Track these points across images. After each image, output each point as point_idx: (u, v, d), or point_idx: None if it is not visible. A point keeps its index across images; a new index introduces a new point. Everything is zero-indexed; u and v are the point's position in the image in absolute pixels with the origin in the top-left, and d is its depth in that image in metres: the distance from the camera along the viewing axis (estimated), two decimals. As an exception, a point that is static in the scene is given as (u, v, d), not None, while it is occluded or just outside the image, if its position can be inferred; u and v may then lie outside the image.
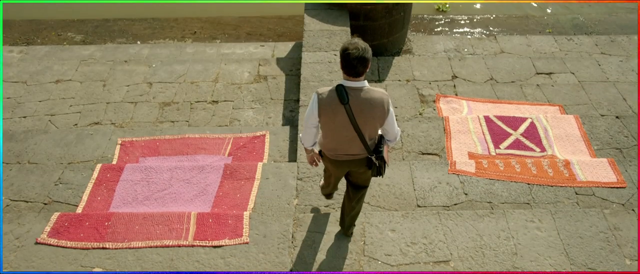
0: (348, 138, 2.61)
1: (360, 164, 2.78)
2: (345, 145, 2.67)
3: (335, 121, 2.55)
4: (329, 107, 2.52)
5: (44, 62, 5.85)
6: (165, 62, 5.75)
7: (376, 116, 2.54)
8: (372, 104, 2.50)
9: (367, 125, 2.56)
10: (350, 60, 2.36)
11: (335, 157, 2.78)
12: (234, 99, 5.20)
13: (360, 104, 2.49)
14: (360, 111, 2.50)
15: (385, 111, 2.53)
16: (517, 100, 5.12)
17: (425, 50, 6.07)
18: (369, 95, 2.49)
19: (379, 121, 2.57)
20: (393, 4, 5.33)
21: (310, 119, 2.63)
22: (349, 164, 2.81)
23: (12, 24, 7.15)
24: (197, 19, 7.20)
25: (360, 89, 2.48)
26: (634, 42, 6.20)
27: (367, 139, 2.63)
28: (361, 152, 2.69)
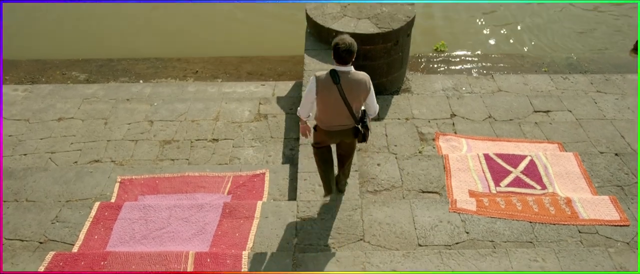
0: (339, 111, 3.31)
1: (348, 133, 3.48)
2: (337, 117, 3.37)
3: (330, 97, 3.25)
4: (324, 86, 3.23)
5: (47, 100, 5.93)
6: (166, 101, 5.82)
7: (361, 92, 3.29)
8: (358, 83, 3.25)
9: (354, 100, 3.28)
10: (339, 52, 3.13)
11: (329, 129, 3.46)
12: (234, 137, 5.23)
13: (349, 83, 3.22)
14: (349, 89, 3.23)
15: (367, 88, 3.30)
16: (516, 138, 5.15)
17: (424, 89, 6.16)
18: (354, 77, 3.24)
19: (363, 96, 3.32)
20: (392, 44, 5.45)
21: (309, 96, 3.32)
22: (339, 134, 3.51)
23: (19, 64, 7.29)
24: (199, 58, 7.35)
25: (348, 72, 3.23)
26: (628, 80, 6.30)
27: (354, 112, 3.34)
28: (350, 122, 3.40)
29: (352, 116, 3.35)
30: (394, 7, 5.66)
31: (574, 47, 7.73)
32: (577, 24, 8.29)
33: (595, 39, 7.92)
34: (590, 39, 7.94)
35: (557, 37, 7.99)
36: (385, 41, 5.37)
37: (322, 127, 3.47)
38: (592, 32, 8.08)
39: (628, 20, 8.33)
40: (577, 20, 8.36)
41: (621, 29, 8.12)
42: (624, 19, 8.38)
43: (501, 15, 8.51)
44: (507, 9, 8.67)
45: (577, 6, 8.74)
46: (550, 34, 8.05)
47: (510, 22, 8.32)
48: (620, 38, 7.90)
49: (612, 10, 8.61)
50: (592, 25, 8.26)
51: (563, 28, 8.19)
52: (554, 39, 7.95)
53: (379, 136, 5.08)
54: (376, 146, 4.95)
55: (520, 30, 8.13)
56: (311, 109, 3.42)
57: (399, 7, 5.66)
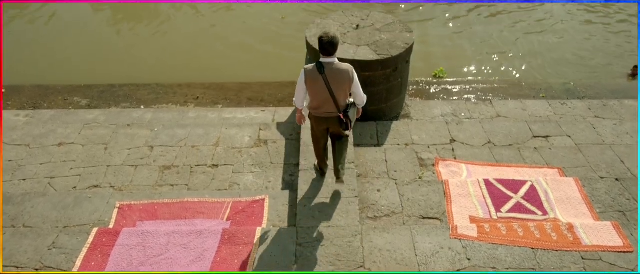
0: (325, 99, 3.69)
1: (334, 121, 3.84)
2: (324, 105, 3.74)
3: (317, 86, 3.64)
4: (311, 76, 3.63)
5: (48, 125, 5.95)
6: (167, 126, 5.84)
7: (344, 81, 3.62)
8: (341, 72, 3.61)
9: (338, 88, 3.62)
10: (323, 44, 3.53)
11: (317, 115, 3.86)
12: (234, 163, 5.23)
13: (332, 73, 3.59)
14: (333, 78, 3.59)
15: (350, 77, 3.62)
16: (516, 163, 5.15)
17: (423, 114, 6.20)
18: (338, 67, 3.62)
19: (347, 85, 3.64)
20: (391, 70, 5.52)
21: (300, 86, 3.75)
22: (327, 121, 3.88)
23: (21, 90, 7.35)
24: (200, 85, 7.41)
25: (332, 63, 3.60)
26: (625, 106, 6.35)
27: (340, 101, 3.70)
28: (334, 110, 3.75)
29: (336, 104, 3.71)
30: (393, 35, 5.75)
31: (571, 73, 7.82)
32: (575, 50, 8.41)
33: (592, 65, 8.02)
34: (587, 65, 8.04)
35: (554, 63, 8.09)
36: (384, 68, 5.43)
37: (313, 114, 3.92)
38: (589, 58, 8.20)
39: (624, 46, 8.46)
40: (575, 47, 8.49)
41: (618, 55, 8.23)
42: (621, 44, 8.51)
43: (499, 42, 8.64)
44: (505, 36, 8.81)
45: (574, 33, 8.89)
46: (547, 61, 8.16)
47: (507, 49, 8.45)
48: (616, 64, 8.00)
49: (609, 37, 8.75)
50: (589, 51, 8.37)
51: (560, 55, 8.31)
52: (551, 65, 8.05)
53: (379, 161, 5.08)
54: (376, 171, 4.94)
55: (517, 57, 8.24)
56: (304, 98, 3.85)
57: (398, 35, 5.75)
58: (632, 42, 8.54)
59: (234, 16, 9.76)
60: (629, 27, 9.05)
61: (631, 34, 8.81)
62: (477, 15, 9.51)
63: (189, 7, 10.16)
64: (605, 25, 9.13)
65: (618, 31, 8.90)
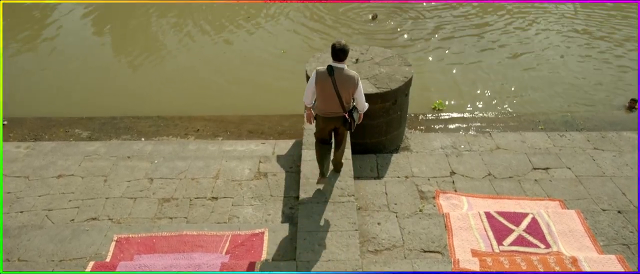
0: (332, 99, 4.06)
1: (339, 120, 4.21)
2: (331, 105, 4.11)
3: (325, 87, 4.02)
4: (322, 77, 4.01)
5: (48, 157, 5.96)
6: (167, 159, 5.85)
7: (350, 86, 4.03)
8: (348, 78, 4.01)
9: (344, 91, 4.03)
10: (335, 50, 3.94)
11: (324, 115, 4.23)
12: (234, 195, 5.20)
13: (341, 77, 3.99)
14: (341, 82, 3.99)
15: (355, 83, 4.04)
16: (517, 195, 5.12)
17: (423, 147, 6.22)
18: (346, 73, 4.02)
19: (352, 89, 4.05)
20: (390, 104, 5.58)
21: (310, 85, 4.11)
22: (332, 120, 4.24)
23: (23, 122, 7.40)
24: (200, 117, 7.47)
25: (342, 68, 4.01)
26: (624, 138, 6.38)
27: (344, 103, 4.07)
28: (339, 111, 4.13)
29: (341, 105, 4.08)
30: (392, 68, 5.85)
31: (568, 105, 7.89)
32: (572, 82, 8.51)
33: (589, 97, 8.10)
34: (584, 97, 8.13)
35: (551, 95, 8.18)
36: (383, 101, 5.49)
37: (320, 114, 4.26)
38: (586, 90, 8.29)
39: (621, 77, 8.58)
40: (572, 79, 8.60)
41: (615, 87, 8.34)
42: (618, 76, 8.63)
43: (497, 75, 8.75)
44: (503, 69, 8.95)
45: (571, 65, 9.03)
46: (545, 92, 8.25)
47: (505, 82, 8.55)
48: (614, 96, 8.08)
49: (606, 69, 8.88)
50: (586, 83, 8.48)
51: (558, 87, 8.41)
52: (548, 97, 8.14)
53: (379, 194, 5.06)
54: (376, 204, 4.91)
55: (515, 89, 8.34)
56: (312, 97, 4.21)
57: (397, 68, 5.85)
58: (628, 72, 8.67)
59: (235, 50, 9.95)
60: (627, 62, 9.21)
61: (628, 66, 8.95)
62: (475, 49, 9.69)
63: (191, 40, 10.37)
64: (603, 58, 9.28)
65: (615, 63, 9.04)
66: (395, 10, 11.61)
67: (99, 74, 9.17)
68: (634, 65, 9.01)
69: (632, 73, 8.69)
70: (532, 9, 11.83)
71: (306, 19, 11.33)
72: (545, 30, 10.47)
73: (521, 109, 7.80)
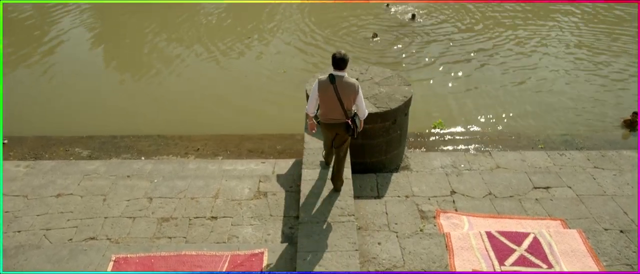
0: (334, 106, 4.25)
1: (341, 126, 4.36)
2: (333, 112, 4.29)
3: (327, 94, 4.22)
4: (324, 85, 4.22)
5: (48, 176, 5.94)
6: (167, 178, 5.83)
7: (351, 93, 4.22)
8: (349, 85, 4.21)
9: (345, 98, 4.20)
10: (335, 60, 4.18)
11: (326, 121, 4.42)
12: (233, 215, 5.17)
13: (341, 84, 4.19)
14: (342, 89, 4.18)
15: (356, 90, 4.22)
16: (518, 215, 5.09)
17: (423, 166, 6.22)
18: (347, 81, 4.22)
19: (353, 96, 4.24)
20: (390, 123, 5.59)
21: (313, 94, 4.30)
22: (334, 127, 4.41)
23: (24, 141, 7.41)
24: (200, 136, 7.48)
25: (342, 76, 4.21)
26: (624, 156, 6.38)
27: (346, 109, 4.25)
28: (341, 117, 4.30)
29: (343, 111, 4.26)
30: (392, 88, 5.89)
31: (567, 124, 7.92)
32: (570, 102, 8.56)
33: (589, 117, 8.13)
34: (584, 116, 8.16)
35: (551, 113, 8.22)
36: (383, 120, 5.51)
37: (323, 121, 4.45)
38: (586, 109, 8.33)
39: (620, 97, 8.63)
40: (572, 99, 8.65)
41: (614, 105, 8.38)
42: (617, 95, 8.68)
43: (496, 94, 8.82)
44: (502, 88, 9.01)
45: (572, 85, 9.10)
46: (544, 111, 8.29)
47: (504, 101, 8.61)
48: (612, 115, 8.11)
49: (604, 89, 8.95)
50: (586, 104, 8.52)
51: (558, 105, 8.45)
52: (548, 115, 8.18)
53: (379, 214, 5.03)
54: (376, 224, 4.88)
55: (514, 109, 8.38)
56: (315, 105, 4.39)
57: (397, 88, 5.89)
58: (629, 90, 8.72)
59: (236, 69, 10.04)
60: (627, 84, 9.28)
61: (626, 87, 9.02)
62: (475, 69, 9.78)
63: (192, 59, 10.47)
64: (602, 79, 9.36)
65: (616, 86, 9.10)
66: (394, 30, 11.76)
67: (100, 93, 9.24)
68: (631, 85, 9.08)
69: (630, 94, 8.74)
70: (534, 26, 12.00)
71: (306, 39, 11.47)
72: (545, 54, 10.61)
73: (520, 128, 7.82)
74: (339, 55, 4.17)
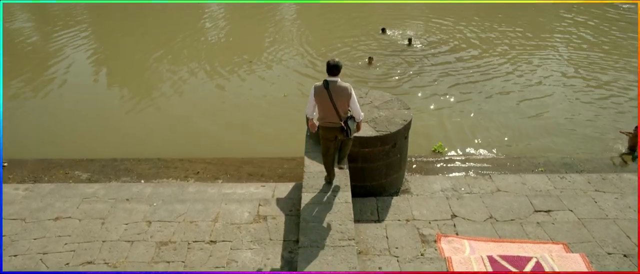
0: (329, 110, 4.54)
1: (338, 130, 4.66)
2: (329, 115, 4.58)
3: (322, 99, 4.51)
4: (319, 91, 4.52)
5: (46, 199, 5.92)
6: (166, 201, 5.80)
7: (344, 96, 4.49)
8: (342, 89, 4.49)
9: (338, 101, 4.49)
10: (329, 66, 4.49)
11: (324, 125, 4.69)
12: (233, 239, 5.13)
13: (335, 89, 4.48)
14: (335, 93, 4.48)
15: (349, 94, 4.49)
16: (519, 238, 5.05)
17: (423, 190, 6.19)
18: (340, 85, 4.50)
19: (346, 100, 4.51)
20: (390, 147, 5.60)
21: (310, 99, 4.60)
22: (332, 130, 4.68)
23: (24, 163, 7.41)
24: (201, 159, 7.48)
25: (335, 81, 4.49)
26: (624, 180, 6.36)
27: (341, 113, 4.55)
28: (337, 121, 4.59)
29: (338, 114, 4.55)
30: (391, 112, 5.92)
31: (567, 145, 7.93)
32: (570, 124, 8.59)
33: (588, 139, 8.14)
34: (583, 138, 8.17)
35: (550, 136, 8.23)
36: (383, 144, 5.52)
37: (321, 124, 4.72)
38: (585, 132, 8.35)
39: (616, 121, 8.66)
40: (571, 122, 8.68)
41: (612, 128, 8.40)
42: (614, 118, 8.72)
43: (496, 117, 8.85)
44: (501, 111, 9.06)
45: (571, 109, 9.14)
46: (543, 133, 8.31)
47: (503, 124, 8.63)
48: (612, 137, 8.13)
49: (603, 112, 8.99)
50: (584, 125, 8.55)
51: (556, 127, 8.48)
52: (547, 138, 8.19)
53: (380, 238, 4.99)
54: (377, 248, 4.83)
55: (513, 132, 8.40)
56: (313, 109, 4.69)
57: (396, 111, 5.92)
58: (627, 112, 8.76)
59: (236, 93, 10.11)
60: (625, 107, 9.34)
61: (624, 110, 9.07)
62: (474, 92, 9.85)
63: (193, 83, 10.56)
64: (601, 102, 9.43)
65: (615, 109, 9.15)
66: (392, 55, 11.90)
67: (101, 116, 9.29)
68: (629, 108, 9.13)
69: (630, 116, 8.78)
70: (535, 51, 12.15)
71: (306, 63, 11.60)
72: (543, 76, 10.71)
73: (520, 151, 7.82)
74: (332, 63, 4.50)
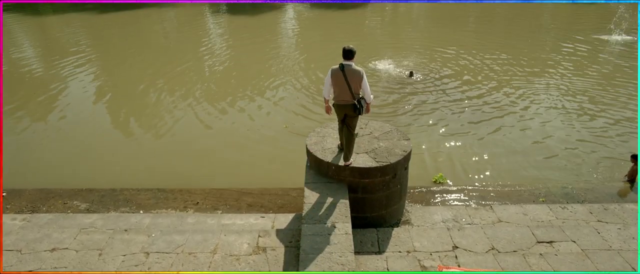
0: (344, 89, 5.23)
1: (350, 107, 5.32)
2: (343, 94, 5.27)
3: (338, 80, 5.22)
4: (335, 73, 5.22)
5: (44, 229, 5.86)
6: (165, 232, 5.75)
7: (357, 79, 5.19)
8: (355, 71, 5.18)
9: (352, 82, 5.18)
10: (345, 51, 5.19)
11: (338, 102, 5.37)
12: (232, 271, 5.05)
13: (349, 71, 5.17)
14: (349, 75, 5.17)
15: (361, 76, 5.20)
16: (522, 270, 4.97)
17: (424, 220, 6.15)
18: (353, 68, 5.19)
19: (358, 81, 5.20)
20: (390, 177, 5.60)
21: (327, 81, 5.31)
22: (345, 107, 5.35)
23: (22, 193, 7.38)
24: (200, 190, 7.45)
25: (350, 65, 5.19)
26: (627, 210, 6.32)
27: (353, 92, 5.23)
28: (350, 99, 5.26)
29: (351, 93, 5.22)
30: (391, 142, 5.94)
31: (567, 175, 7.90)
32: (570, 153, 8.59)
33: (588, 168, 8.12)
34: (583, 167, 8.15)
35: (550, 166, 8.22)
36: (383, 174, 5.52)
37: (335, 102, 5.40)
38: (585, 161, 8.34)
39: (616, 148, 8.67)
40: (570, 151, 8.68)
41: (613, 157, 8.40)
42: (613, 146, 8.73)
43: (496, 147, 8.86)
44: (501, 141, 9.07)
45: (571, 138, 9.17)
46: (543, 163, 8.30)
47: (504, 154, 8.63)
48: (612, 165, 8.11)
49: (602, 140, 9.01)
50: (584, 154, 8.55)
51: (556, 157, 8.47)
52: (547, 167, 8.17)
53: (380, 270, 4.92)
54: (378, 280, 4.76)
55: (514, 162, 8.39)
56: (329, 90, 5.37)
57: (396, 142, 5.95)
58: (628, 142, 8.78)
59: (237, 123, 10.16)
60: (625, 138, 9.37)
61: (625, 140, 9.09)
62: (472, 123, 9.90)
63: (192, 113, 10.63)
64: (600, 130, 9.46)
65: (615, 140, 9.17)
66: (392, 87, 12.03)
67: (101, 145, 9.30)
68: (629, 136, 9.16)
69: (630, 146, 8.80)
70: (535, 80, 12.28)
71: (306, 95, 11.71)
72: (544, 107, 10.78)
73: (521, 180, 7.80)
74: (347, 48, 5.19)
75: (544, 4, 25.27)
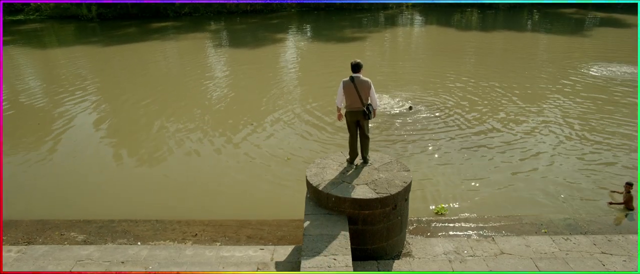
0: (354, 98, 5.95)
1: (360, 114, 6.03)
2: (354, 102, 5.98)
3: (350, 90, 5.95)
4: (347, 84, 5.95)
5: (39, 262, 5.78)
6: (162, 264, 5.66)
7: (366, 88, 5.94)
8: (364, 81, 5.95)
9: (362, 91, 5.92)
10: (353, 66, 5.97)
11: (350, 109, 6.05)
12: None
13: (359, 81, 5.94)
14: (359, 85, 5.92)
15: (369, 86, 5.95)
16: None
17: (425, 253, 6.06)
18: (362, 79, 5.96)
19: (367, 91, 5.96)
20: (390, 208, 5.56)
21: (340, 91, 6.05)
22: (356, 114, 6.04)
23: (19, 224, 7.30)
24: (199, 221, 7.38)
25: (358, 76, 5.97)
26: (631, 241, 6.24)
27: (363, 100, 5.96)
28: (360, 106, 5.98)
29: (361, 101, 5.95)
30: (391, 173, 5.94)
31: (569, 205, 7.84)
32: (570, 184, 8.55)
33: (589, 199, 8.06)
34: (584, 197, 8.09)
35: (551, 196, 8.17)
36: (383, 206, 5.48)
37: (348, 110, 6.07)
38: (586, 191, 8.29)
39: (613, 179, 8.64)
40: (570, 181, 8.64)
41: (614, 185, 8.36)
42: (613, 175, 8.69)
43: (498, 179, 8.82)
44: (503, 173, 9.05)
45: (570, 167, 9.15)
46: (545, 194, 8.25)
47: (506, 186, 8.59)
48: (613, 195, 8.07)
49: (602, 170, 8.99)
50: (585, 184, 8.51)
51: (556, 188, 8.42)
52: (548, 198, 8.12)
53: (382, 303, 4.81)
54: (379, 315, 4.64)
55: (516, 194, 8.34)
56: (342, 100, 6.10)
57: (396, 173, 5.94)
58: (628, 173, 8.75)
59: (237, 155, 10.16)
60: (625, 171, 9.36)
61: (626, 173, 9.07)
62: (473, 155, 9.91)
63: (191, 143, 10.65)
64: (599, 161, 9.45)
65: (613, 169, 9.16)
66: (392, 120, 12.11)
67: (99, 176, 9.28)
68: (630, 166, 9.14)
69: (631, 175, 8.78)
70: (535, 112, 12.37)
71: (307, 126, 11.77)
72: (544, 136, 10.82)
73: (522, 212, 7.73)
74: (354, 63, 5.97)
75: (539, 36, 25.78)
